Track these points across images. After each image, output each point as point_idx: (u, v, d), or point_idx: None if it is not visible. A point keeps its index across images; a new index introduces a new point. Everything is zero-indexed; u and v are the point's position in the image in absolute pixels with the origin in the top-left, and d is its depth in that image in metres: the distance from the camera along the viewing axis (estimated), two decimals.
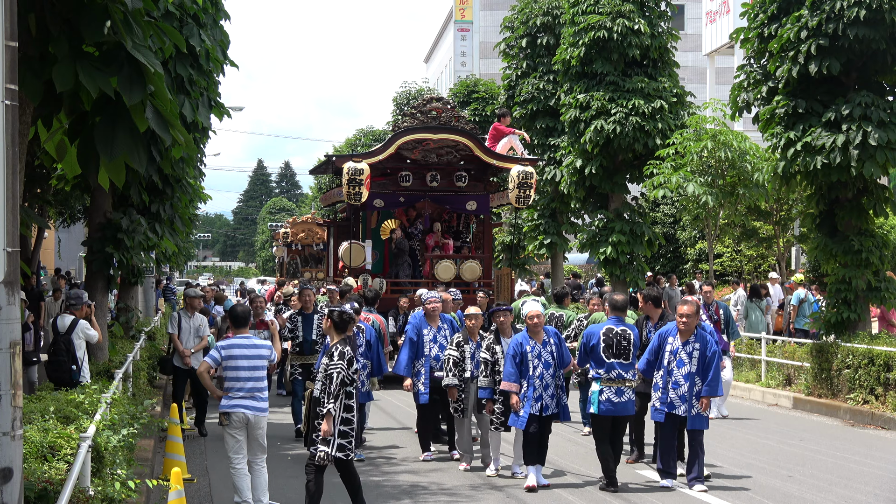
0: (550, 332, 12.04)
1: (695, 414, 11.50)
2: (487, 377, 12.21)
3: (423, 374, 13.46)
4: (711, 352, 11.54)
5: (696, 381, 11.50)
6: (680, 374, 11.54)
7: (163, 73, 7.95)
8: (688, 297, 14.85)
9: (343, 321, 10.11)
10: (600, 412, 11.59)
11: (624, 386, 11.58)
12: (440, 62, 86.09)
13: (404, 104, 47.92)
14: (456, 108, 23.63)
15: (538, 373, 11.67)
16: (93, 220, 16.71)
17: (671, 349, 11.65)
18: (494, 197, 24.67)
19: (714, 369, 11.50)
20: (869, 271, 18.65)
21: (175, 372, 15.65)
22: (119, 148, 7.86)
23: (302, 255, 41.35)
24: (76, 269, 44.30)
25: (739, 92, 20.16)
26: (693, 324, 11.60)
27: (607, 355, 11.58)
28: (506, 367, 11.78)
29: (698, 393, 11.49)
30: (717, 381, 11.59)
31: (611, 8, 25.61)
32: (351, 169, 20.78)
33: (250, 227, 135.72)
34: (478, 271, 22.68)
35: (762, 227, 30.40)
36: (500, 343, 12.31)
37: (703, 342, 11.56)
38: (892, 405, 16.43)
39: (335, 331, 10.10)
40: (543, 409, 11.69)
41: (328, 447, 9.56)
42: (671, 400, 11.58)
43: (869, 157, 17.46)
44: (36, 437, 8.01)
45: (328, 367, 9.62)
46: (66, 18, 7.69)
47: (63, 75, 7.46)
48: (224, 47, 14.80)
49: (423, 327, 13.71)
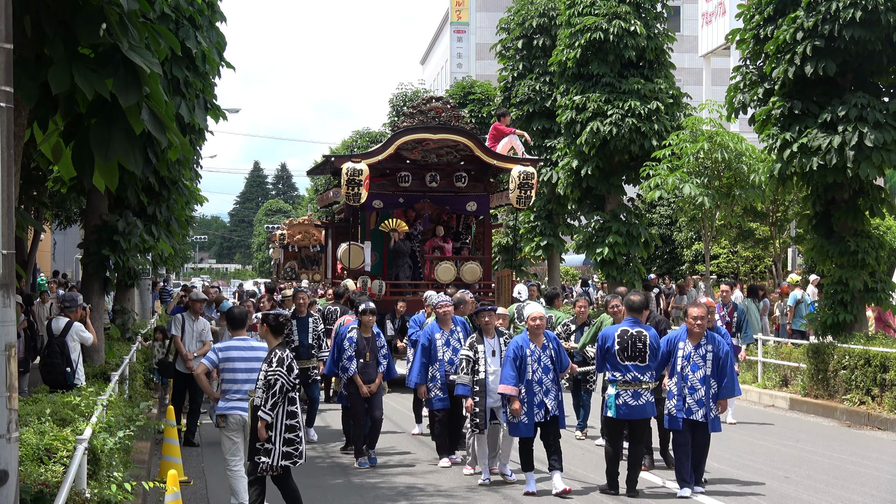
0: (550, 335, 11.78)
1: (713, 417, 11.31)
2: (468, 375, 12.01)
3: (437, 380, 13.14)
4: (724, 352, 11.34)
5: (711, 383, 11.26)
6: (695, 378, 11.25)
7: (158, 75, 7.94)
8: (703, 298, 14.43)
9: (279, 324, 9.81)
10: (617, 416, 11.32)
11: (641, 388, 11.26)
12: (436, 64, 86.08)
13: (401, 106, 47.95)
14: (456, 107, 23.39)
15: (537, 377, 11.41)
16: (89, 222, 16.68)
17: (683, 354, 11.35)
18: (494, 198, 24.43)
19: (730, 369, 11.35)
20: (865, 272, 18.66)
21: (176, 375, 15.27)
22: (115, 150, 7.85)
23: (299, 257, 41.30)
24: (72, 272, 44.25)
25: (735, 93, 20.17)
26: (706, 326, 11.39)
27: (622, 358, 11.27)
28: (505, 369, 11.45)
29: (715, 395, 11.28)
30: (735, 381, 11.48)
31: (607, 9, 25.65)
32: (350, 169, 20.63)
33: (247, 230, 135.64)
34: (478, 273, 22.50)
35: (758, 228, 30.44)
36: (483, 342, 12.10)
37: (715, 343, 11.35)
38: (888, 406, 16.43)
39: (272, 335, 9.77)
40: (547, 413, 11.42)
41: (269, 457, 9.32)
42: (688, 405, 11.25)
43: (865, 159, 17.46)
44: (32, 440, 8.00)
45: (267, 374, 9.39)
46: (62, 20, 7.68)
47: (59, 77, 7.44)
48: (220, 49, 14.76)
49: (434, 332, 13.39)
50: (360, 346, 13.25)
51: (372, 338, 13.41)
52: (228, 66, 15.08)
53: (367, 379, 13.19)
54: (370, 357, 13.26)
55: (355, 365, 13.16)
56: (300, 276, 38.78)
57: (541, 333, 11.57)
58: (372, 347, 13.34)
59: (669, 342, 11.52)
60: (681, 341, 11.43)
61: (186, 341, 15.05)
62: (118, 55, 7.66)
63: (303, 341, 15.08)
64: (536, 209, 30.59)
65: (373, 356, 13.30)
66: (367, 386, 13.15)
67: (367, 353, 13.24)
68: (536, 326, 11.53)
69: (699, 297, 14.36)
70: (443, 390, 13.08)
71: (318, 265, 40.23)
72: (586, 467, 12.80)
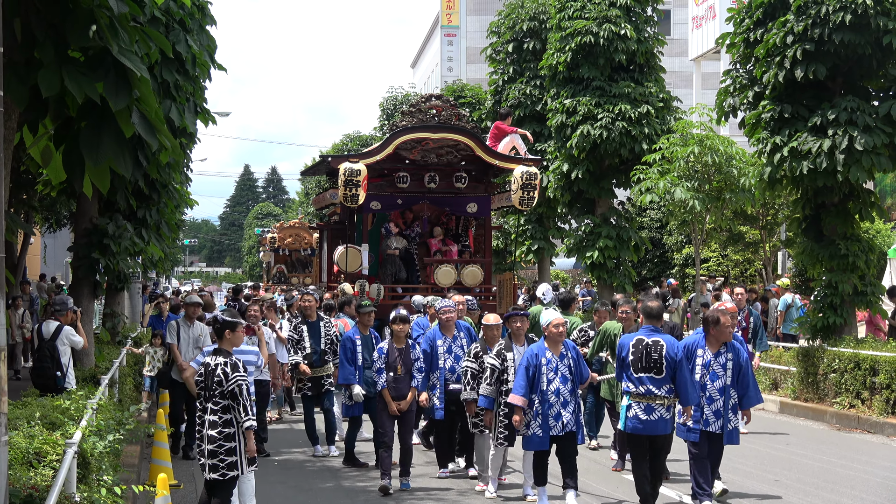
0: (569, 344, 11.12)
1: (730, 429, 10.72)
2: (491, 385, 11.30)
3: (437, 388, 12.49)
4: (744, 359, 10.78)
5: (731, 394, 10.63)
6: (714, 388, 10.62)
7: (149, 79, 7.93)
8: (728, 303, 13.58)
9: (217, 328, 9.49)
10: (626, 429, 10.51)
11: (654, 403, 10.30)
12: (427, 67, 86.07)
13: (391, 109, 47.91)
14: (456, 105, 22.83)
15: (553, 387, 10.74)
16: (79, 225, 16.65)
17: (703, 362, 10.68)
18: (496, 199, 23.88)
19: (751, 376, 10.79)
20: (855, 276, 18.72)
21: (172, 386, 14.42)
22: (105, 153, 7.84)
23: (289, 261, 41.23)
24: (62, 275, 44.16)
25: (725, 97, 20.23)
26: (730, 333, 10.80)
27: (636, 369, 10.37)
28: (518, 378, 10.82)
29: (734, 406, 10.68)
30: (757, 389, 10.94)
31: (597, 13, 25.66)
32: (347, 170, 20.11)
33: (237, 233, 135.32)
34: (479, 276, 21.90)
35: (749, 231, 30.50)
36: (513, 350, 11.45)
37: (735, 350, 10.73)
38: (878, 409, 16.47)
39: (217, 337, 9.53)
40: (564, 427, 10.78)
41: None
42: (706, 417, 10.63)
43: (855, 162, 17.51)
44: (22, 443, 7.97)
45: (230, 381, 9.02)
46: (52, 24, 7.67)
47: (49, 80, 7.43)
48: (211, 52, 14.76)
49: (436, 338, 12.72)
50: (392, 357, 12.04)
51: (406, 349, 12.16)
52: (220, 69, 15.08)
53: (396, 395, 11.99)
54: (402, 370, 12.02)
55: (384, 378, 11.96)
56: (290, 279, 38.74)
57: (560, 341, 10.95)
58: (405, 360, 12.10)
59: (687, 349, 10.76)
60: (699, 348, 10.78)
61: (182, 349, 14.20)
62: (108, 58, 7.65)
63: (315, 348, 14.37)
64: (527, 213, 30.57)
65: (405, 370, 12.04)
66: (397, 403, 11.95)
67: (398, 366, 12.00)
68: (558, 334, 10.89)
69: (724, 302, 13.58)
70: (441, 399, 12.47)
71: (309, 269, 40.17)
72: (598, 480, 12.43)
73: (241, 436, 9.10)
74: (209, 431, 9.03)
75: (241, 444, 9.11)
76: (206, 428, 9.06)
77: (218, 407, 9.06)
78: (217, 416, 9.04)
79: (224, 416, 9.05)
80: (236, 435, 9.08)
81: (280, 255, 41.31)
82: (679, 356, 10.38)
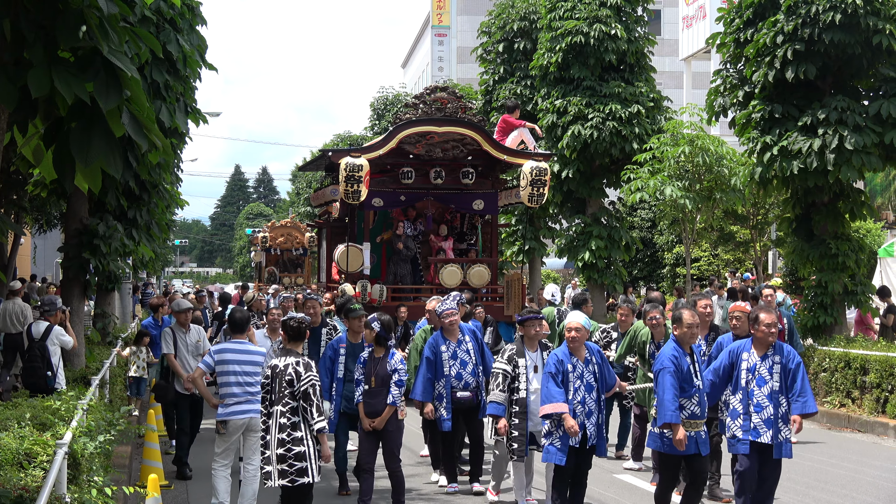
0: (593, 348, 10.06)
1: (782, 440, 9.52)
2: (504, 392, 10.55)
3: (444, 398, 11.60)
4: (795, 363, 9.56)
5: (780, 400, 9.48)
6: (762, 393, 9.48)
7: (139, 79, 7.92)
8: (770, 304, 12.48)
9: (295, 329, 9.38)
10: (649, 443, 9.82)
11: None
12: (417, 67, 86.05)
13: (382, 109, 47.87)
14: (462, 98, 22.16)
15: (579, 397, 9.73)
16: (69, 226, 16.61)
17: (748, 366, 9.58)
18: (503, 195, 23.28)
19: (804, 380, 9.53)
20: (845, 275, 18.77)
21: (177, 398, 13.09)
22: (95, 153, 7.81)
23: (280, 260, 41.10)
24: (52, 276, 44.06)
25: (716, 96, 20.26)
26: (775, 334, 9.64)
27: None
28: (549, 386, 9.70)
29: (784, 415, 9.49)
30: (810, 394, 9.55)
31: (588, 13, 25.69)
32: (349, 165, 19.37)
33: (228, 233, 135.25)
34: (486, 276, 21.44)
35: (739, 231, 30.56)
36: (525, 356, 10.66)
37: (783, 353, 9.56)
38: (868, 408, 16.50)
39: (291, 342, 9.39)
40: (586, 440, 9.77)
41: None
42: (755, 426, 9.47)
43: (845, 162, 17.56)
44: (12, 444, 7.95)
45: (303, 381, 8.96)
46: (42, 24, 7.65)
47: (38, 81, 7.41)
48: (201, 52, 14.75)
49: (440, 344, 11.70)
50: (368, 367, 10.73)
51: (382, 360, 10.67)
52: (210, 68, 15.05)
53: (369, 411, 10.61)
54: (375, 383, 10.57)
55: (359, 391, 10.75)
56: (281, 279, 38.65)
57: (581, 346, 9.91)
58: (379, 371, 10.62)
59: (731, 353, 9.78)
60: (745, 352, 9.69)
61: (181, 358, 12.99)
62: (98, 58, 7.63)
63: (314, 355, 12.66)
64: (517, 213, 30.56)
65: (379, 381, 10.56)
66: (372, 420, 10.58)
67: (372, 378, 10.61)
68: (573, 339, 9.89)
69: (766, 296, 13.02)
70: (447, 410, 11.60)
71: (301, 269, 40.09)
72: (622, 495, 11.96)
73: (312, 439, 8.99)
74: (278, 435, 8.92)
75: (311, 449, 8.98)
76: (274, 432, 8.95)
77: (287, 409, 8.97)
78: (286, 418, 8.94)
79: (293, 417, 8.96)
80: (304, 439, 8.96)
81: (272, 255, 41.14)
82: (723, 360, 9.79)
